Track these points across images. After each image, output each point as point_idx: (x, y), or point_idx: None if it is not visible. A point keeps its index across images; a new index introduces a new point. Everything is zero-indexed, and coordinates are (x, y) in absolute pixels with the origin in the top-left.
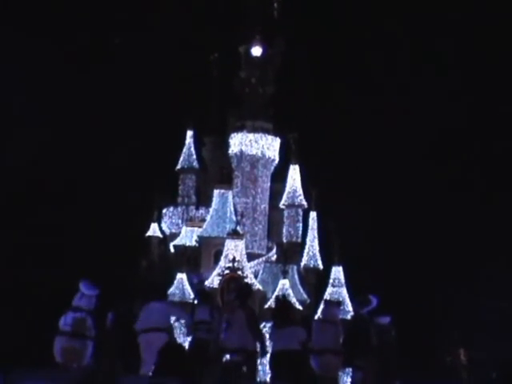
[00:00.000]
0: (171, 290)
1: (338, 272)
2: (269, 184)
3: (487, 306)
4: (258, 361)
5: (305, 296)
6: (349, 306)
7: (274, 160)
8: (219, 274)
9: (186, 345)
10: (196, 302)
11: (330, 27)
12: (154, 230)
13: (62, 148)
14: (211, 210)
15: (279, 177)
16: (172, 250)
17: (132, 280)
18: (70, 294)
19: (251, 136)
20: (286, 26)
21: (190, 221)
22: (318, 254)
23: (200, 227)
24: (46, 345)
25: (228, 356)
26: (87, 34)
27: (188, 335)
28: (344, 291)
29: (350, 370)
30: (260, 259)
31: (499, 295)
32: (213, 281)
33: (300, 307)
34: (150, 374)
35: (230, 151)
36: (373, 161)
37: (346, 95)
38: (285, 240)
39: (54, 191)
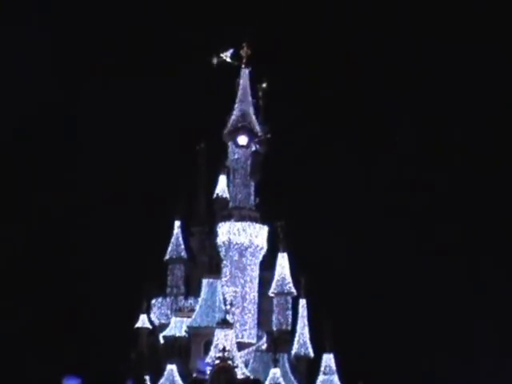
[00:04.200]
0: (161, 381)
1: (329, 359)
2: (257, 272)
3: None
4: None
5: None
6: None
7: (262, 248)
8: (209, 365)
9: None
10: None
11: (315, 114)
12: (143, 322)
13: (48, 239)
14: (200, 299)
15: (268, 265)
16: (162, 341)
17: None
18: None
19: (239, 225)
20: (271, 114)
21: (179, 311)
22: (308, 342)
23: (189, 317)
24: None
25: None
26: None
27: None
28: (335, 379)
29: None
30: (250, 348)
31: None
32: None
33: None
34: None
35: (217, 240)
36: (361, 245)
37: (331, 182)
38: (275, 328)
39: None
